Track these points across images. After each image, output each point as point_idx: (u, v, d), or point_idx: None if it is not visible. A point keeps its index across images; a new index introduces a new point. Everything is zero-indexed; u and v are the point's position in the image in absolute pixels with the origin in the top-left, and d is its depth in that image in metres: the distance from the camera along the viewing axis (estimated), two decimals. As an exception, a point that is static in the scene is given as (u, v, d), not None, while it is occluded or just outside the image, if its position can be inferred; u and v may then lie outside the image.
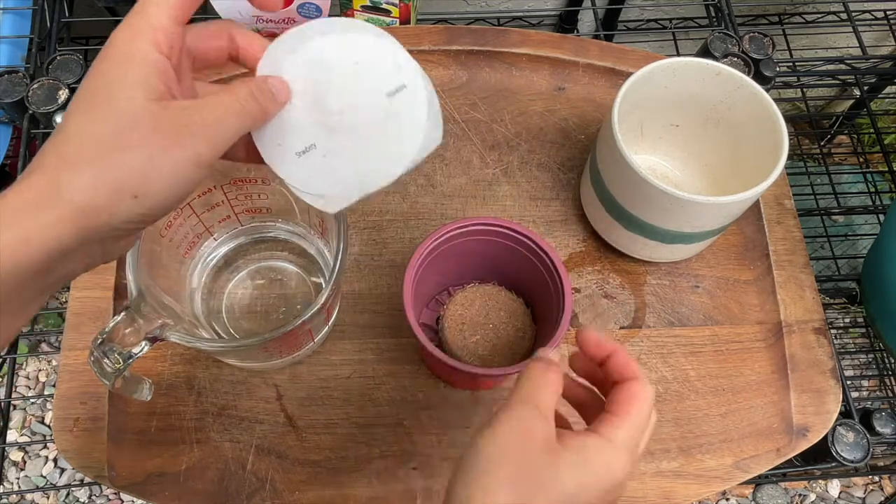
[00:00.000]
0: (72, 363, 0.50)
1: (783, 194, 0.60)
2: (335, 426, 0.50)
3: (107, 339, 0.38)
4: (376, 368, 0.52)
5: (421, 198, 0.58)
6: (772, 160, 0.48)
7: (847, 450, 0.55)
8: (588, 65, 0.63)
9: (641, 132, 0.56)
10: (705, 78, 0.51)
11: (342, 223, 0.42)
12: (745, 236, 0.59)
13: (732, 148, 0.54)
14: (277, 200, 0.49)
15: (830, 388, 0.53)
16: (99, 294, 0.52)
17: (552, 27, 0.94)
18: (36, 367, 1.07)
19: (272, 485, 0.48)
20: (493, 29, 0.64)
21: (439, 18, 0.80)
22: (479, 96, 0.62)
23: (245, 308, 0.53)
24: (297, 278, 0.54)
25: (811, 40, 1.05)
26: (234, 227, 0.52)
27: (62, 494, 0.99)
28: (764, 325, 0.56)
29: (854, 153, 1.13)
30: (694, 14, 0.95)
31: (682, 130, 0.56)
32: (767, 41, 0.67)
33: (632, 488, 0.50)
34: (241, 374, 0.51)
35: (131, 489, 0.48)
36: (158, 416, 0.50)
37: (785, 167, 0.61)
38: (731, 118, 0.53)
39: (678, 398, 0.53)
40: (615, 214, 0.52)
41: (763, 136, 0.50)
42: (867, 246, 0.78)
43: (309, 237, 0.53)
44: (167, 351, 0.51)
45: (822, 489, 1.06)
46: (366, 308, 0.54)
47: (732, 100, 0.51)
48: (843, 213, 1.02)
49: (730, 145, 0.54)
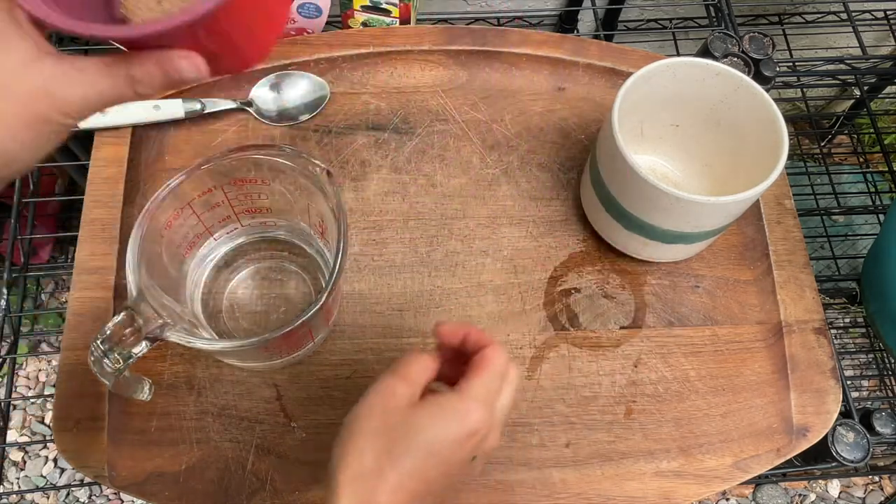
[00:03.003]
0: (72, 363, 0.50)
1: (783, 194, 0.60)
2: (335, 426, 0.50)
3: (107, 339, 0.38)
4: (376, 368, 0.52)
5: (421, 198, 0.58)
6: (772, 160, 0.48)
7: (847, 450, 0.55)
8: (588, 65, 0.63)
9: (642, 132, 0.56)
10: (705, 78, 0.51)
11: (342, 223, 0.42)
12: (745, 236, 0.59)
13: (732, 148, 0.54)
14: (277, 200, 0.49)
15: (830, 388, 0.53)
16: (99, 294, 0.52)
17: (552, 27, 0.94)
18: (36, 367, 1.07)
19: (272, 485, 0.48)
20: (493, 29, 0.64)
21: (439, 18, 0.80)
22: (479, 96, 0.62)
23: (245, 308, 0.53)
24: (297, 278, 0.54)
25: (811, 40, 1.05)
26: (234, 227, 0.52)
27: (62, 494, 0.99)
28: (764, 325, 0.56)
29: (854, 153, 1.13)
30: (694, 14, 0.95)
31: (682, 130, 0.56)
32: (767, 41, 0.67)
33: (632, 488, 0.50)
34: (241, 374, 0.51)
35: (131, 489, 0.48)
36: (158, 416, 0.50)
37: (785, 167, 0.61)
38: (731, 118, 0.53)
39: (678, 398, 0.53)
40: (615, 214, 0.52)
41: (763, 137, 0.50)
42: (867, 246, 0.78)
43: (309, 237, 0.53)
44: (167, 351, 0.51)
45: (822, 489, 1.06)
46: (366, 308, 0.54)
47: (732, 100, 0.51)
48: (843, 213, 1.02)
49: (730, 145, 0.54)
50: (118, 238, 0.54)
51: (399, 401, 0.34)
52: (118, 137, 0.57)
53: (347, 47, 0.62)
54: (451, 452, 0.34)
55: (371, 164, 0.59)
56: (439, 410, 0.34)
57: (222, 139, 0.59)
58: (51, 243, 1.08)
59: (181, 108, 0.57)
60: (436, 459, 0.33)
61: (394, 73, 0.62)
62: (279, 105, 0.60)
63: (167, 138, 0.58)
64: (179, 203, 0.45)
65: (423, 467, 0.33)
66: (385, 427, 0.33)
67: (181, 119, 0.58)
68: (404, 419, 0.34)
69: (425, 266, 0.55)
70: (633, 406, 0.52)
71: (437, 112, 0.61)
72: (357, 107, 0.61)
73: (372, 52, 0.62)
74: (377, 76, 0.62)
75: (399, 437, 0.33)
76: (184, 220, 0.46)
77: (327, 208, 0.44)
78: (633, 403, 0.52)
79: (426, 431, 0.33)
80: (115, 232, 0.54)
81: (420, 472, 0.33)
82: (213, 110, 0.58)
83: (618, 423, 0.52)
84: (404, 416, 0.34)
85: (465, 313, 0.54)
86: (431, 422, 0.34)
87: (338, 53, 0.61)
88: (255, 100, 0.59)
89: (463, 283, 0.55)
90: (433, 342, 0.50)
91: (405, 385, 0.35)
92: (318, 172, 0.44)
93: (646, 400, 0.52)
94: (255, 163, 0.45)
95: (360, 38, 0.62)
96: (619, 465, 0.50)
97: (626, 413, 0.52)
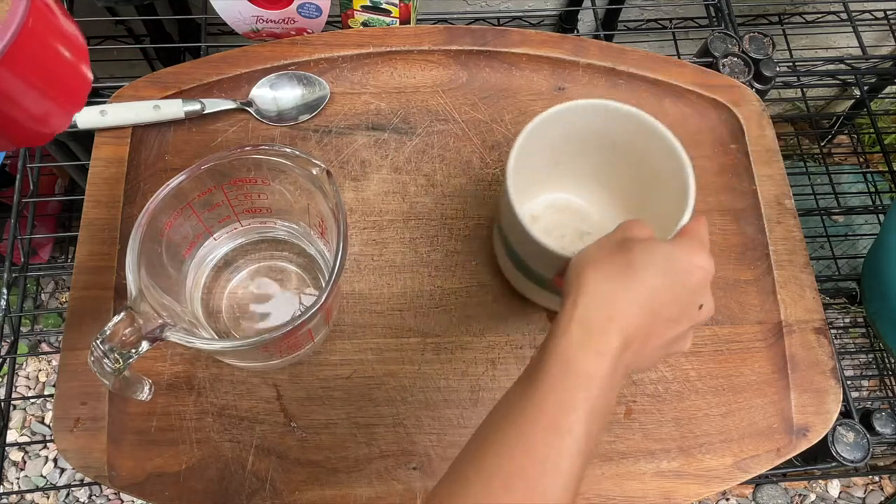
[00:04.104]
0: (72, 363, 0.50)
1: (783, 194, 0.60)
2: (335, 426, 0.50)
3: (107, 339, 0.38)
4: (376, 368, 0.52)
5: (421, 198, 0.58)
6: (682, 201, 0.44)
7: (847, 450, 0.55)
8: (588, 65, 0.63)
9: (556, 166, 0.53)
10: (606, 118, 0.47)
11: (342, 223, 0.42)
12: (745, 236, 0.59)
13: (644, 186, 0.50)
14: (277, 200, 0.49)
15: (830, 388, 0.53)
16: (99, 294, 0.52)
17: (552, 27, 0.94)
18: (36, 367, 1.07)
19: (272, 485, 0.48)
20: (493, 29, 0.64)
21: (439, 18, 0.80)
22: (479, 96, 0.62)
23: (245, 308, 0.53)
24: (297, 278, 0.54)
25: (811, 40, 1.05)
26: (234, 227, 0.52)
27: (62, 494, 0.99)
28: (764, 324, 0.56)
29: (854, 153, 1.13)
30: (694, 14, 0.95)
31: (595, 166, 0.52)
32: (767, 41, 0.67)
33: (632, 488, 0.50)
34: (241, 374, 0.51)
35: (131, 489, 0.48)
36: (158, 416, 0.50)
37: (785, 167, 0.61)
38: (641, 157, 0.48)
39: (678, 398, 0.53)
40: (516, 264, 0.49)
41: (674, 182, 0.46)
42: (867, 246, 0.78)
43: (309, 237, 0.53)
44: (167, 351, 0.51)
45: (822, 489, 1.06)
46: (366, 308, 0.54)
47: (635, 138, 0.48)
48: (843, 213, 1.02)
49: (641, 183, 0.50)
50: (118, 238, 0.54)
51: (637, 232, 0.37)
52: (118, 138, 0.57)
53: (347, 47, 0.62)
54: (685, 274, 0.35)
55: (371, 164, 0.59)
56: (675, 241, 0.36)
57: (222, 139, 0.59)
58: (51, 243, 1.08)
59: (181, 108, 0.57)
60: (672, 279, 0.34)
61: (394, 73, 0.62)
62: (279, 105, 0.60)
63: (167, 138, 0.58)
64: (179, 203, 0.45)
65: (660, 285, 0.34)
66: (623, 248, 0.35)
67: (181, 119, 0.58)
68: (645, 243, 0.35)
69: (425, 266, 0.55)
70: (634, 406, 0.52)
71: (437, 112, 0.61)
72: (357, 107, 0.61)
73: (372, 52, 0.62)
74: (377, 76, 0.62)
75: (639, 255, 0.34)
76: (184, 220, 0.46)
77: (327, 208, 0.44)
78: (633, 403, 0.52)
79: (662, 251, 0.35)
80: (115, 232, 0.54)
81: (657, 289, 0.34)
82: (213, 110, 0.58)
83: (618, 423, 0.52)
84: (644, 241, 0.35)
85: (465, 313, 0.54)
86: (670, 246, 0.35)
87: (338, 53, 0.61)
88: (255, 100, 0.59)
89: (463, 283, 0.55)
90: (433, 342, 0.50)
91: (640, 226, 0.37)
92: (318, 172, 0.44)
93: (646, 400, 0.53)
94: (255, 163, 0.45)
95: (360, 38, 0.62)
96: (619, 465, 0.51)
97: (626, 413, 0.52)
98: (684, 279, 0.35)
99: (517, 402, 0.33)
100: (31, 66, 0.31)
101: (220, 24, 0.79)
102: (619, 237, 0.36)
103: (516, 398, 0.33)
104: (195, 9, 0.83)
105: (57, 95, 0.34)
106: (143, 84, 0.59)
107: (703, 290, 0.36)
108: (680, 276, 0.35)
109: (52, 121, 0.35)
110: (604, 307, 0.33)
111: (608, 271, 0.34)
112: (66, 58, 0.34)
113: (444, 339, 0.53)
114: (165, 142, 0.58)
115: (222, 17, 0.63)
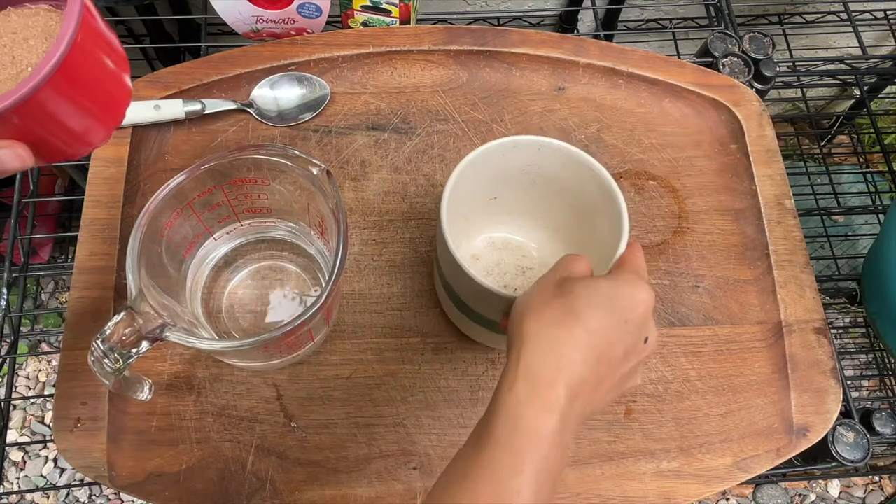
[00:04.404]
0: (72, 363, 0.50)
1: (783, 194, 0.60)
2: (335, 426, 0.50)
3: (107, 339, 0.38)
4: (376, 368, 0.52)
5: (421, 198, 0.58)
6: (617, 230, 0.43)
7: (847, 450, 0.55)
8: (588, 65, 0.63)
9: (493, 204, 0.52)
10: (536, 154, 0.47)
11: (342, 223, 0.42)
12: (745, 236, 0.59)
13: (580, 217, 0.49)
14: (277, 200, 0.49)
15: (830, 388, 0.53)
16: (99, 294, 0.52)
17: (552, 27, 0.94)
18: (36, 367, 1.07)
19: (272, 485, 0.48)
20: (493, 29, 0.64)
21: (439, 18, 0.80)
22: (479, 96, 0.62)
23: (245, 308, 0.53)
24: (297, 278, 0.54)
25: (811, 40, 1.05)
26: (234, 227, 0.52)
27: (62, 494, 0.99)
28: (764, 324, 0.56)
29: (854, 153, 1.13)
30: (694, 14, 0.95)
31: (533, 202, 0.51)
32: (767, 41, 0.67)
33: (632, 488, 0.50)
34: (241, 374, 0.51)
35: (131, 489, 0.48)
36: (158, 416, 0.50)
37: (784, 167, 0.61)
38: (574, 190, 0.48)
39: (678, 398, 0.53)
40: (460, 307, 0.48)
41: (604, 206, 0.45)
42: (867, 246, 0.78)
43: (309, 237, 0.53)
44: (167, 351, 0.51)
45: (822, 489, 1.06)
46: (366, 308, 0.54)
47: (566, 171, 0.47)
48: (843, 213, 1.02)
49: (577, 215, 0.50)
50: (118, 238, 0.54)
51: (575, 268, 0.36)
52: (118, 138, 0.57)
53: (347, 47, 0.62)
54: (628, 311, 0.34)
55: (371, 164, 0.59)
56: (613, 276, 0.35)
57: (222, 139, 0.59)
58: (51, 243, 1.08)
59: (181, 108, 0.57)
60: (615, 318, 0.33)
61: (394, 73, 0.62)
62: (279, 105, 0.60)
63: (167, 138, 0.58)
64: (179, 203, 0.45)
65: (603, 326, 0.33)
66: (563, 291, 0.34)
67: (181, 119, 0.58)
68: (583, 282, 0.34)
69: (425, 266, 0.55)
70: (633, 406, 0.52)
71: (437, 112, 0.61)
72: (357, 107, 0.61)
73: (372, 52, 0.62)
74: (377, 76, 0.62)
75: (580, 296, 0.33)
76: (184, 219, 0.46)
77: (327, 208, 0.44)
78: (633, 403, 0.52)
79: (602, 290, 0.34)
80: (115, 232, 0.54)
81: (601, 331, 0.33)
82: (214, 111, 0.58)
83: (618, 423, 0.52)
84: (582, 281, 0.35)
85: (465, 313, 0.54)
86: (609, 283, 0.35)
87: (338, 53, 0.61)
88: (256, 100, 0.59)
89: (463, 283, 0.55)
90: (433, 342, 0.50)
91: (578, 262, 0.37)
92: (318, 172, 0.44)
93: (646, 400, 0.53)
94: (255, 163, 0.45)
95: (360, 38, 0.62)
96: (619, 465, 0.51)
97: (626, 413, 0.52)
98: (628, 315, 0.34)
99: (468, 464, 0.32)
100: (78, 84, 0.30)
101: (220, 24, 0.80)
102: (558, 277, 0.36)
103: (465, 460, 0.32)
104: (195, 9, 0.83)
105: (100, 111, 0.32)
106: (143, 84, 0.59)
107: (647, 322, 0.35)
108: (623, 313, 0.34)
109: (92, 136, 0.33)
110: (549, 359, 0.32)
111: (550, 318, 0.33)
112: (112, 71, 0.32)
113: (444, 339, 0.53)
114: (165, 142, 0.58)
115: (222, 17, 0.63)
